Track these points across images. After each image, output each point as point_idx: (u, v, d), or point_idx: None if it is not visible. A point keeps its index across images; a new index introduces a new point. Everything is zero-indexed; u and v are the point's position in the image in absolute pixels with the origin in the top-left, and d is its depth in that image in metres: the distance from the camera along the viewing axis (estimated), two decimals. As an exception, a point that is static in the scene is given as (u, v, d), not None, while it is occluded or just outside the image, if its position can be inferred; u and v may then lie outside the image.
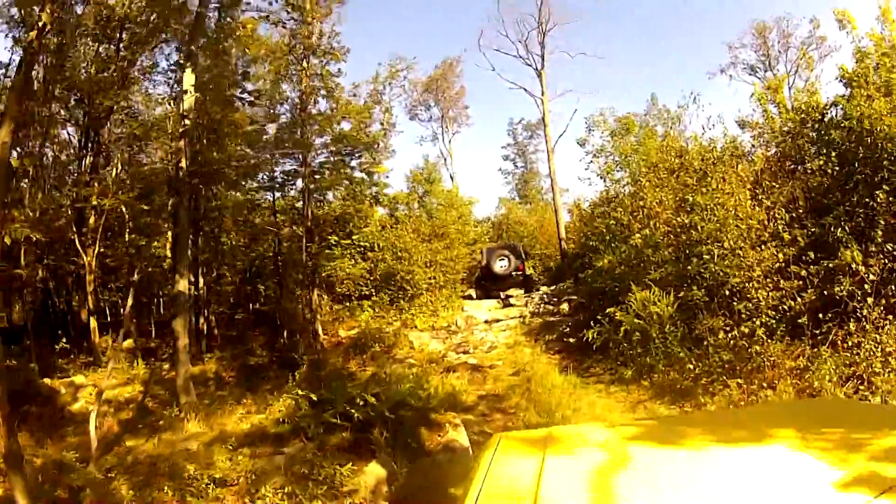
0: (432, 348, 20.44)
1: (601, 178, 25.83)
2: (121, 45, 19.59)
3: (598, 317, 16.03)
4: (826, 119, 15.12)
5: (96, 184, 17.88)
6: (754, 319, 12.47)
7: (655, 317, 14.19)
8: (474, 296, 27.55)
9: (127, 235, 19.78)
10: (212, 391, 16.13)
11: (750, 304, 12.76)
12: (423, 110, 48.51)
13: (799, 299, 12.41)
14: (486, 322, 23.58)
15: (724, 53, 52.52)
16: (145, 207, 18.71)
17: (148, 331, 21.68)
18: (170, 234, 19.67)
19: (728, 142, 17.76)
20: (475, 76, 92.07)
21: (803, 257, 12.85)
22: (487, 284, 26.88)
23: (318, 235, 23.27)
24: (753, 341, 12.15)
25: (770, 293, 12.63)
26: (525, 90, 38.15)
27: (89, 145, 19.82)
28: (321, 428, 10.12)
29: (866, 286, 11.88)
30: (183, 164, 14.26)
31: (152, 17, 18.48)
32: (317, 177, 22.82)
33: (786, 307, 12.51)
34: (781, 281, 12.78)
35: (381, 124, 36.11)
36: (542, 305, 24.76)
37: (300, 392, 11.25)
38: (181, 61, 15.67)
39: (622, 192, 23.01)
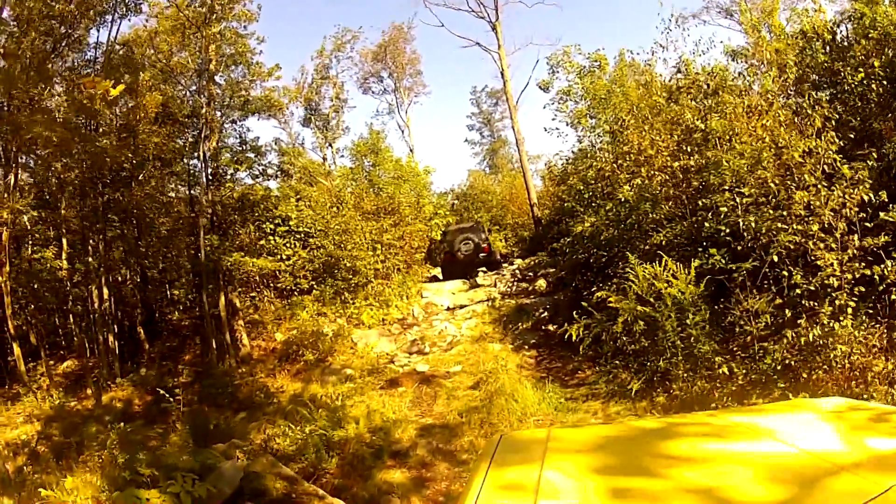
0: (379, 350, 16.66)
1: (571, 126, 21.77)
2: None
3: (584, 301, 11.80)
4: (837, 37, 12.19)
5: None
6: (831, 295, 8.23)
7: (669, 300, 9.74)
8: (441, 277, 24.20)
9: (30, 248, 17.91)
10: (94, 433, 12.27)
11: (822, 274, 8.44)
12: (375, 82, 44.74)
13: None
14: (448, 309, 19.85)
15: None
16: (34, 214, 16.81)
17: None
18: (65, 241, 17.46)
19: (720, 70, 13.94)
20: (429, 42, 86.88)
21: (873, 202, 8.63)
22: (454, 270, 23.51)
23: (226, 224, 19.29)
24: (829, 332, 7.98)
25: (845, 255, 8.34)
26: (480, 45, 33.95)
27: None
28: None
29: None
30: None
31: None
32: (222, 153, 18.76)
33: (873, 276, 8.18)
34: (854, 238, 8.46)
35: (331, 100, 33.42)
36: (514, 284, 21.05)
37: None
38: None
39: (601, 140, 18.94)
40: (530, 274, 21.55)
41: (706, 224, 10.84)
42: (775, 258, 8.97)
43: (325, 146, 34.97)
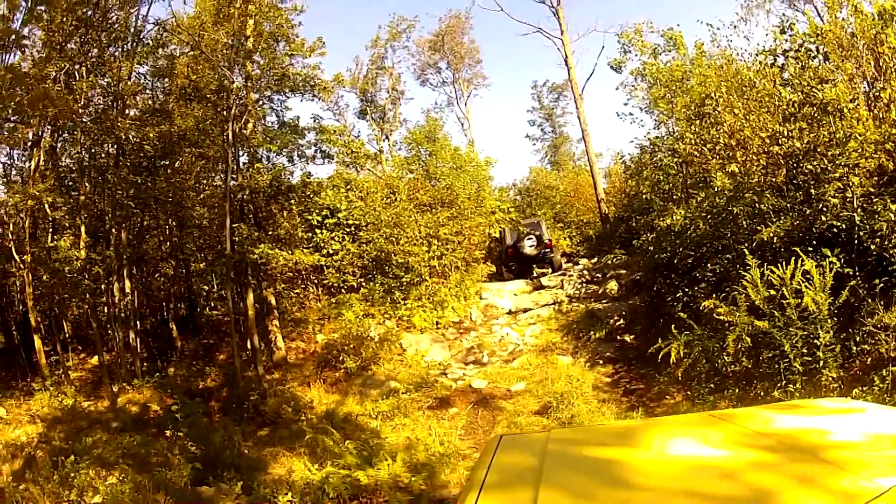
0: (430, 358, 14.94)
1: (646, 111, 19.77)
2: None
3: (666, 307, 9.78)
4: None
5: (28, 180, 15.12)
6: None
7: (795, 313, 7.55)
8: (503, 274, 22.78)
9: (50, 237, 16.17)
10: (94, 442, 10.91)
11: None
12: (433, 73, 43.73)
13: None
14: (509, 313, 18.15)
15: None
16: (49, 200, 15.03)
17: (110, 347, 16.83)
18: (83, 229, 15.78)
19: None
20: (487, 29, 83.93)
21: None
22: (515, 266, 22.85)
23: (263, 213, 17.74)
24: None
25: None
26: (542, 31, 32.17)
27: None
28: None
29: None
30: None
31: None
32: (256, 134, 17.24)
33: None
34: None
35: (388, 92, 32.44)
36: (582, 286, 18.93)
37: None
38: None
39: (680, 125, 16.88)
40: (599, 275, 19.58)
41: (822, 217, 8.81)
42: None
43: (382, 139, 33.82)
